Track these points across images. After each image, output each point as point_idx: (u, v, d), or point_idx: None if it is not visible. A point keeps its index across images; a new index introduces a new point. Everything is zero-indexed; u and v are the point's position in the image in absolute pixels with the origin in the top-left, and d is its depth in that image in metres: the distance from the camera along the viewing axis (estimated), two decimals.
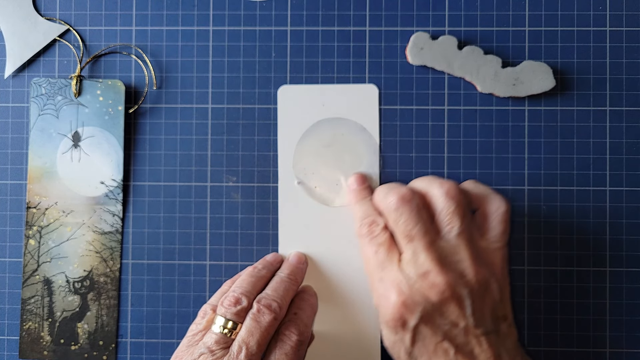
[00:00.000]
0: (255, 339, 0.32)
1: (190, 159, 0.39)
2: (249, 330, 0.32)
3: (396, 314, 0.32)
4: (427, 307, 0.31)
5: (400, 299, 0.32)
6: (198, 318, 0.34)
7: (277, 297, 0.34)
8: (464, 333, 0.32)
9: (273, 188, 0.39)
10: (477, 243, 0.33)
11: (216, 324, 0.33)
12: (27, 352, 0.39)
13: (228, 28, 0.40)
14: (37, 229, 0.39)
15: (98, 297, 0.39)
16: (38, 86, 0.39)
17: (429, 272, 0.31)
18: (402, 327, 0.32)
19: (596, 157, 0.38)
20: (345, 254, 0.38)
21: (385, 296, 0.32)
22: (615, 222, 0.38)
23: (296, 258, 0.38)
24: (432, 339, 0.32)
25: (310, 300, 0.36)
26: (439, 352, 0.32)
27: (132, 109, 0.39)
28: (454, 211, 0.32)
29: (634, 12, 0.39)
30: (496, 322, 0.32)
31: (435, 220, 0.33)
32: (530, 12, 0.39)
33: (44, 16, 0.40)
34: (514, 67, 0.38)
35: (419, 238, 0.32)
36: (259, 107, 0.39)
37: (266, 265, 0.37)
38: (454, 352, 0.32)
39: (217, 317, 0.33)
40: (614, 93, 0.38)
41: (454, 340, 0.32)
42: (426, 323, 0.32)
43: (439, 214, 0.33)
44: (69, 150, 0.39)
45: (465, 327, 0.32)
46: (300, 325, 0.34)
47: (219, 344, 0.32)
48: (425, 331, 0.32)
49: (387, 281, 0.32)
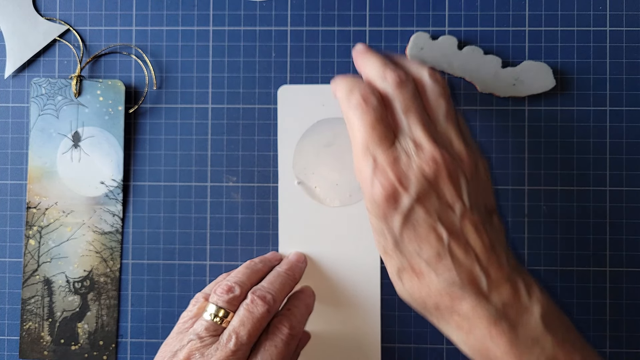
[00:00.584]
0: (246, 329, 0.31)
1: (190, 159, 0.39)
2: (240, 319, 0.32)
3: (390, 191, 0.30)
4: (423, 185, 0.30)
5: (396, 175, 0.30)
6: (190, 306, 0.34)
7: (272, 290, 0.33)
8: (460, 217, 0.30)
9: (273, 188, 0.39)
10: (461, 126, 0.33)
11: (207, 311, 0.32)
12: (27, 352, 0.39)
13: (228, 28, 0.40)
14: (37, 229, 0.39)
15: (98, 297, 0.39)
16: (38, 86, 0.39)
17: (425, 147, 0.30)
18: (394, 208, 0.30)
19: (596, 157, 0.38)
20: (345, 254, 0.38)
21: (378, 173, 0.30)
22: (615, 222, 0.38)
23: (296, 257, 0.38)
24: (425, 222, 0.30)
25: (306, 300, 0.36)
26: (432, 238, 0.30)
27: (132, 109, 0.39)
28: (441, 93, 0.32)
29: (634, 12, 0.39)
30: (488, 212, 0.31)
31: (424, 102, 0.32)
32: (530, 12, 0.39)
33: (44, 16, 0.40)
34: (514, 67, 0.38)
35: (417, 115, 0.31)
36: (259, 107, 0.39)
37: (264, 261, 0.37)
38: (447, 238, 0.30)
39: (209, 304, 0.33)
40: (614, 93, 0.38)
41: (450, 225, 0.30)
42: (421, 202, 0.30)
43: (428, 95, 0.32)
44: (69, 150, 0.39)
45: (462, 211, 0.30)
46: (293, 321, 0.33)
47: (208, 331, 0.31)
48: (419, 212, 0.30)
49: (381, 158, 0.30)
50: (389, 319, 0.39)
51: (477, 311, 0.30)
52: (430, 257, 0.30)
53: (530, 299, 0.30)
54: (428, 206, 0.30)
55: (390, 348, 0.39)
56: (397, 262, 0.31)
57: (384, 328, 0.39)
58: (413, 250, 0.30)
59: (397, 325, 0.39)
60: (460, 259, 0.30)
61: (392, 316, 0.39)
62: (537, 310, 0.30)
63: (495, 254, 0.30)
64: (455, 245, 0.30)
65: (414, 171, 0.30)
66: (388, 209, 0.30)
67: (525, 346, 0.29)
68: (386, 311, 0.39)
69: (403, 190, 0.30)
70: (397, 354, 0.39)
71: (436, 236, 0.30)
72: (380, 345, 0.38)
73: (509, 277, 0.30)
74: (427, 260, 0.30)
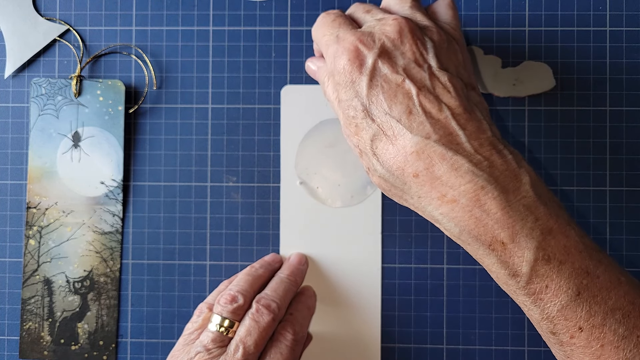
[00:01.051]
0: (253, 339, 0.32)
1: (190, 159, 0.39)
2: (247, 329, 0.32)
3: (354, 53, 0.29)
4: (385, 41, 0.29)
5: (359, 38, 0.30)
6: (194, 317, 0.34)
7: (276, 298, 0.34)
8: (428, 75, 0.29)
9: (273, 188, 0.39)
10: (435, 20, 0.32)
11: (212, 322, 0.33)
12: (28, 352, 0.39)
13: (228, 28, 0.40)
14: (37, 229, 0.39)
15: (98, 297, 0.39)
16: (38, 86, 0.39)
17: (388, 17, 0.30)
18: (359, 71, 0.29)
19: (596, 157, 0.38)
20: (346, 254, 0.38)
21: (341, 42, 0.30)
22: (615, 222, 0.38)
23: (297, 259, 0.38)
24: (391, 78, 0.29)
25: (307, 302, 0.36)
26: (399, 95, 0.29)
27: (132, 109, 0.39)
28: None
29: (634, 12, 0.39)
30: (465, 85, 0.30)
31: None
32: (530, 12, 0.39)
33: (44, 16, 0.40)
34: (514, 67, 0.38)
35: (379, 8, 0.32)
36: (259, 107, 0.39)
37: (264, 265, 0.37)
38: (416, 92, 0.28)
39: (213, 315, 0.33)
40: (613, 93, 0.38)
41: (418, 81, 0.29)
42: (384, 58, 0.29)
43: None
44: (69, 151, 0.39)
45: (430, 70, 0.29)
46: (296, 325, 0.34)
47: (215, 343, 0.32)
48: (384, 69, 0.29)
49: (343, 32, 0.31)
50: (389, 319, 0.39)
51: (460, 172, 0.27)
52: (401, 114, 0.28)
53: (519, 167, 0.28)
54: (392, 63, 0.29)
55: (390, 348, 0.39)
56: (369, 131, 0.29)
57: (384, 328, 0.39)
58: (383, 112, 0.29)
59: (397, 325, 0.39)
60: (433, 114, 0.28)
61: (392, 316, 0.39)
62: (527, 179, 0.28)
63: (475, 118, 0.29)
64: (426, 100, 0.28)
65: (377, 34, 0.30)
66: (353, 71, 0.29)
67: (518, 214, 0.27)
68: (386, 311, 0.39)
69: (366, 49, 0.29)
70: (397, 354, 0.39)
71: (404, 92, 0.29)
72: (380, 346, 0.38)
73: (491, 142, 0.28)
74: (397, 118, 0.28)
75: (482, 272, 0.39)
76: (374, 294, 0.38)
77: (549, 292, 0.27)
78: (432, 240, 0.39)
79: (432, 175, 0.28)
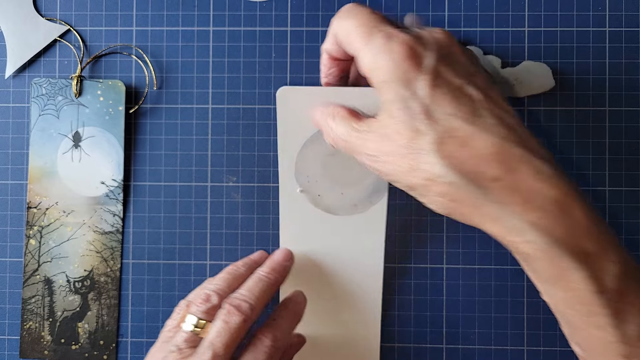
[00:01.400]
0: (222, 341, 0.30)
1: (190, 159, 0.40)
2: (217, 330, 0.30)
3: (410, 50, 0.27)
4: (441, 46, 0.28)
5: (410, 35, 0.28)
6: (174, 314, 0.33)
7: (249, 298, 0.32)
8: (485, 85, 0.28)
9: (273, 188, 0.39)
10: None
11: (186, 322, 0.31)
12: (28, 351, 0.39)
13: (228, 28, 0.40)
14: (37, 229, 0.39)
15: (98, 297, 0.39)
16: (38, 86, 0.39)
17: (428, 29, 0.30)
18: (417, 69, 0.27)
19: (595, 157, 0.39)
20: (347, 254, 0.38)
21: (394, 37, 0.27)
22: (615, 222, 0.38)
23: (281, 255, 0.36)
24: (453, 82, 0.27)
25: (294, 308, 0.34)
26: (463, 98, 0.27)
27: (133, 109, 0.39)
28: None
29: (633, 12, 0.39)
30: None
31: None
32: (529, 12, 0.39)
33: (45, 16, 0.40)
34: (513, 68, 0.38)
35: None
36: (259, 107, 0.39)
37: (247, 263, 0.36)
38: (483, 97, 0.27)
39: (188, 315, 0.32)
40: (613, 93, 0.39)
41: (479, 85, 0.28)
42: (444, 62, 0.28)
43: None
44: (69, 151, 0.39)
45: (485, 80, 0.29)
46: (277, 332, 0.32)
47: (187, 343, 0.31)
48: (446, 71, 0.28)
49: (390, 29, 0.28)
50: (389, 319, 0.39)
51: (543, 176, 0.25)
52: (470, 115, 0.27)
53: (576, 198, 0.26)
54: (451, 66, 0.28)
55: (390, 348, 0.39)
56: (433, 135, 0.27)
57: (383, 328, 0.39)
58: (447, 113, 0.27)
59: (397, 325, 0.39)
60: (503, 117, 0.27)
61: (392, 316, 0.39)
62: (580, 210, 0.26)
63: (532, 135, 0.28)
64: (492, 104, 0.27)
65: (428, 38, 0.28)
66: (410, 69, 0.27)
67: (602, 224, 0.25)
68: (386, 311, 0.39)
69: (423, 48, 0.27)
70: (396, 353, 0.39)
71: (468, 95, 0.27)
72: (380, 345, 0.38)
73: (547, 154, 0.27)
74: (467, 120, 0.26)
75: (482, 272, 0.39)
76: (375, 294, 0.38)
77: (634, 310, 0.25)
78: (432, 240, 0.39)
79: (513, 178, 0.26)
